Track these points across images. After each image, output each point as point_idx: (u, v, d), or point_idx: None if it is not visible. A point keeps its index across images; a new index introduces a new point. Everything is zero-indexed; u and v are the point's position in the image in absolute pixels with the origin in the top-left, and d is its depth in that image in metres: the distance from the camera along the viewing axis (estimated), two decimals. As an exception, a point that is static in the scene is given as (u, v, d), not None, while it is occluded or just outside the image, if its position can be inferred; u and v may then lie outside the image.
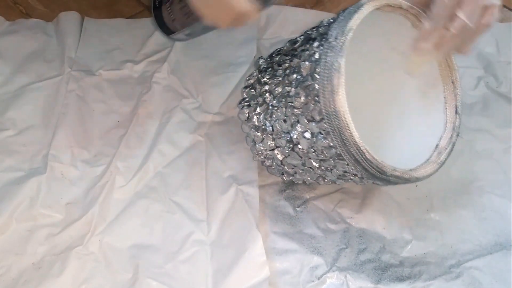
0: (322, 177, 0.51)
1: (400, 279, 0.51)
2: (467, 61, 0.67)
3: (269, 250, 0.52)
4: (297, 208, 0.56)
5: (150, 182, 0.57)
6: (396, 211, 0.56)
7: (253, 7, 0.43)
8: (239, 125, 0.54)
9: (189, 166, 0.58)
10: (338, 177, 0.49)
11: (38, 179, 0.56)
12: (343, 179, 0.49)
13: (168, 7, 0.48)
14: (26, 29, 0.70)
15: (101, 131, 0.61)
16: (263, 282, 0.49)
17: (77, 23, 0.70)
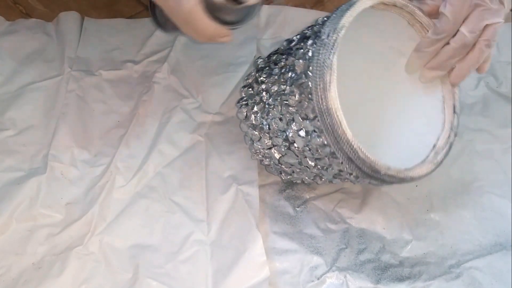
0: (319, 176, 0.51)
1: (400, 279, 0.51)
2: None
3: (269, 250, 0.52)
4: (297, 208, 0.56)
5: (150, 182, 0.57)
6: (396, 211, 0.56)
7: (224, 31, 0.47)
8: (239, 125, 0.54)
9: (189, 166, 0.58)
10: (334, 176, 0.49)
11: (38, 179, 0.56)
12: (339, 178, 0.49)
13: (160, 10, 0.48)
14: (26, 29, 0.70)
15: (101, 131, 0.61)
16: (263, 282, 0.49)
17: (77, 23, 0.70)
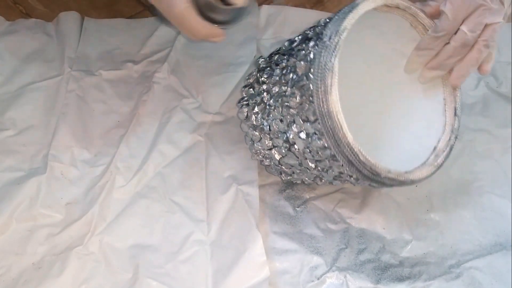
0: (319, 178, 0.51)
1: (400, 279, 0.51)
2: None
3: (269, 250, 0.52)
4: (297, 208, 0.56)
5: (150, 182, 0.57)
6: (396, 211, 0.56)
7: (216, 30, 0.48)
8: (239, 125, 0.54)
9: (189, 166, 0.58)
10: (334, 178, 0.49)
11: (38, 179, 0.56)
12: (340, 180, 0.49)
13: None
14: (26, 29, 0.70)
15: (101, 131, 0.61)
16: (263, 282, 0.49)
17: (77, 23, 0.70)
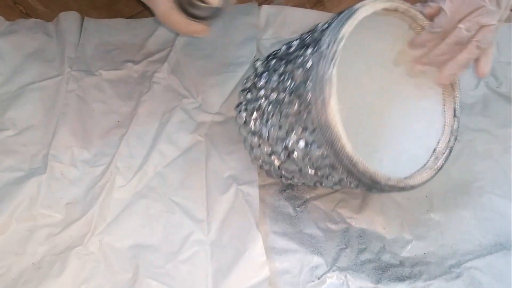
0: (319, 182, 0.50)
1: (400, 279, 0.51)
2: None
3: (269, 250, 0.52)
4: (297, 208, 0.56)
5: (150, 182, 0.57)
6: (396, 211, 0.56)
7: (199, 26, 0.50)
8: (238, 129, 0.54)
9: (189, 166, 0.58)
10: (335, 184, 0.48)
11: (38, 179, 0.56)
12: (340, 185, 0.49)
13: None
14: (26, 29, 0.70)
15: (101, 131, 0.61)
16: (263, 282, 0.49)
17: (77, 23, 0.70)
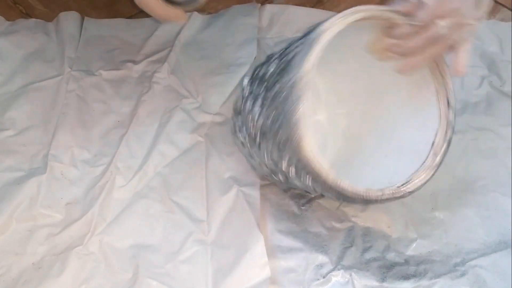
0: (322, 195, 0.50)
1: (405, 277, 0.51)
2: (471, 61, 0.66)
3: (274, 249, 0.52)
4: (302, 207, 0.56)
5: (150, 182, 0.57)
6: (401, 210, 0.55)
7: (176, 12, 0.50)
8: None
9: (189, 166, 0.58)
10: (336, 196, 0.47)
11: (38, 179, 0.56)
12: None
13: None
14: (26, 29, 0.70)
15: (101, 131, 0.61)
16: (264, 283, 0.49)
17: (77, 23, 0.70)
